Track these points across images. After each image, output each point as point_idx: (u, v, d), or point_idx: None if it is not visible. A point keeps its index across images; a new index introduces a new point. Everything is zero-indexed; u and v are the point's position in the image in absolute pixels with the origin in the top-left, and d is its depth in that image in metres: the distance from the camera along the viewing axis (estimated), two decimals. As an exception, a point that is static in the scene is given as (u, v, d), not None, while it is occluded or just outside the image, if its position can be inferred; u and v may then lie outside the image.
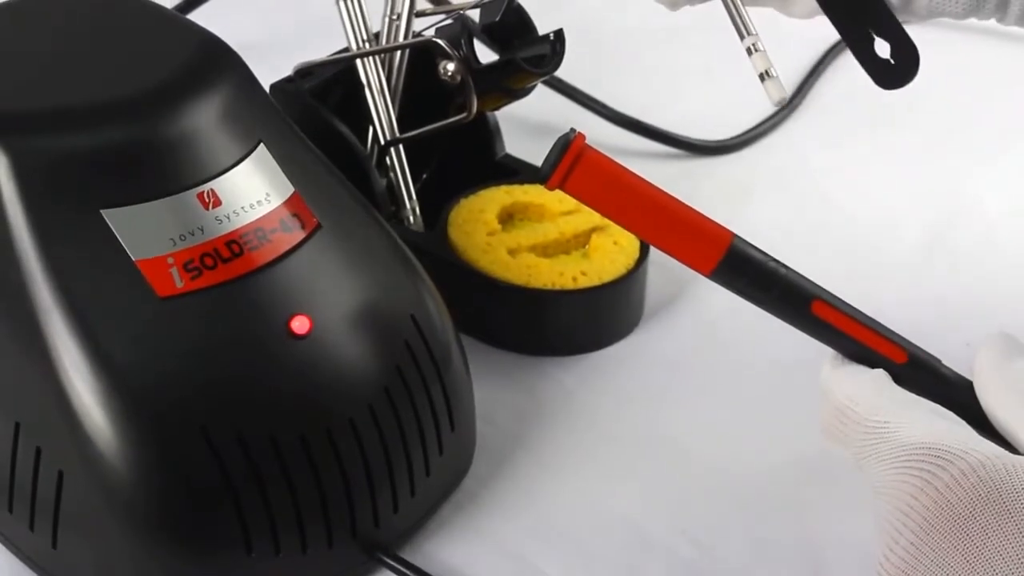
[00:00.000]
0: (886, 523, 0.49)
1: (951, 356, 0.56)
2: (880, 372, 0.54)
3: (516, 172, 0.78)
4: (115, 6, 0.64)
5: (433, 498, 0.61)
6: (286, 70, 0.76)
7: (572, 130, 0.53)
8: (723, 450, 0.66)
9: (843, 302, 0.55)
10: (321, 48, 0.79)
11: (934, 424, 0.50)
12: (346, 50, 0.77)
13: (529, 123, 0.89)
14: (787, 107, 0.94)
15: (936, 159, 0.90)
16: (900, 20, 0.59)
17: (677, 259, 0.54)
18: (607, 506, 0.63)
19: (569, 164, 0.52)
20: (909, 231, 0.83)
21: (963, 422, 0.52)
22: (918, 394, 0.54)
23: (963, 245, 0.82)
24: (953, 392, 0.54)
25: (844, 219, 0.84)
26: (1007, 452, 0.49)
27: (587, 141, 0.52)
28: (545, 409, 0.68)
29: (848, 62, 1.02)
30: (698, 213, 0.55)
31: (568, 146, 0.52)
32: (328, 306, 0.56)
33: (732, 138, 0.91)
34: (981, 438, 0.50)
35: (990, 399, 0.53)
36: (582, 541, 0.61)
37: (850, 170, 0.90)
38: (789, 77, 0.99)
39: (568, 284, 0.70)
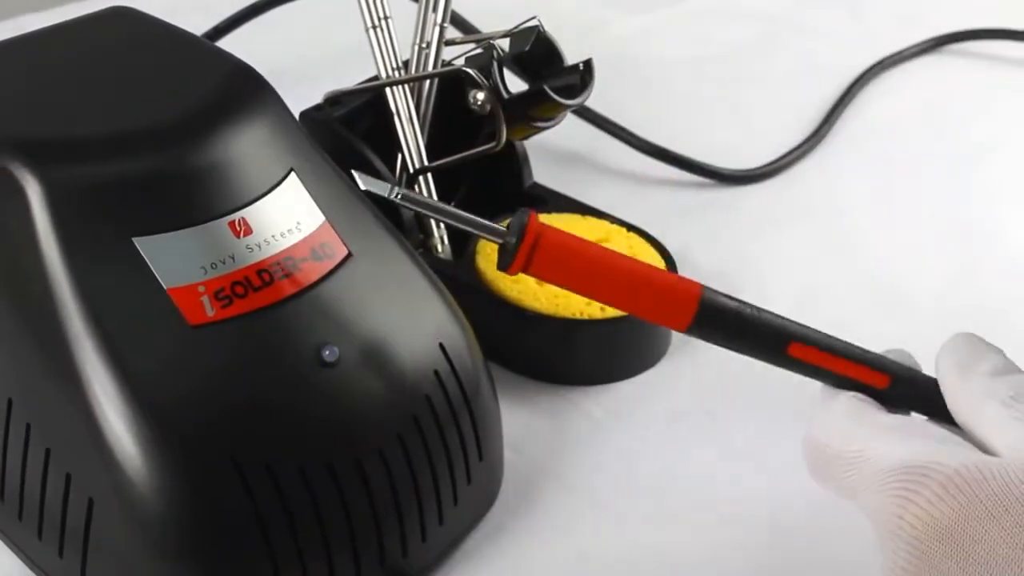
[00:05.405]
0: (882, 547, 0.50)
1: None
2: (852, 398, 0.55)
3: (544, 201, 0.78)
4: (145, 34, 0.64)
5: (461, 527, 0.60)
6: (315, 98, 0.77)
7: (523, 210, 0.53)
8: (753, 481, 0.65)
9: (819, 336, 0.56)
10: (350, 76, 0.79)
11: (909, 442, 0.51)
12: (376, 78, 0.78)
13: (558, 152, 0.89)
14: (814, 137, 0.94)
15: (962, 190, 0.90)
16: None
17: (652, 322, 0.54)
18: (635, 537, 0.62)
19: (529, 248, 0.52)
20: (935, 262, 0.83)
21: (943, 431, 0.53)
22: (912, 409, 0.56)
23: (989, 276, 0.82)
24: (940, 402, 0.55)
25: (869, 249, 0.84)
26: (981, 456, 0.49)
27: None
28: (572, 438, 0.68)
29: (875, 93, 1.02)
30: (664, 272, 0.55)
31: (524, 229, 0.52)
32: (358, 335, 0.56)
33: (759, 167, 0.91)
34: (956, 447, 0.50)
35: (955, 407, 0.54)
36: (609, 572, 0.61)
37: (876, 200, 0.89)
38: (816, 107, 0.99)
39: (596, 313, 0.70)
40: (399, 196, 0.53)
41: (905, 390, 0.56)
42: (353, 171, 0.55)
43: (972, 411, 0.53)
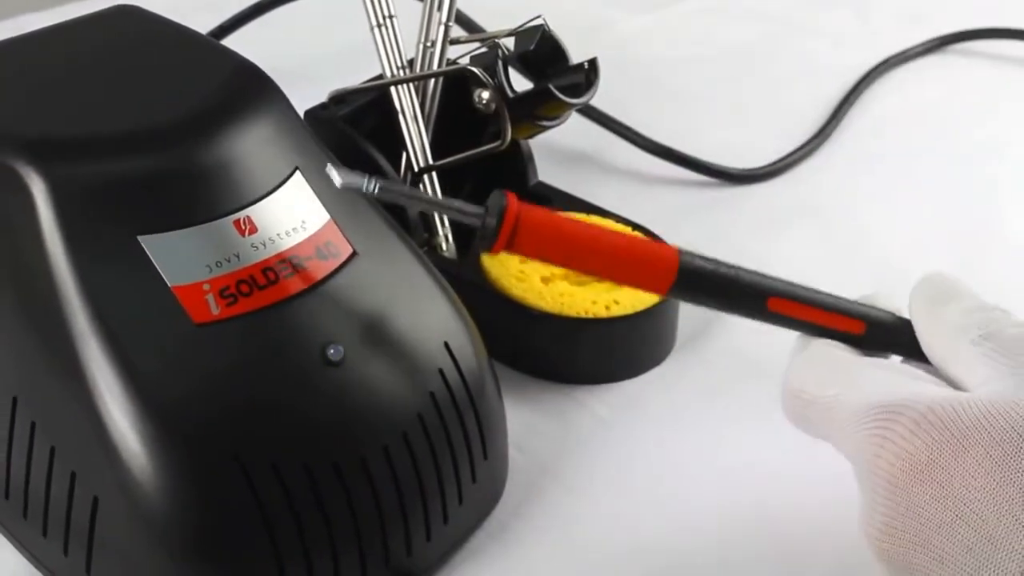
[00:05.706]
0: (863, 486, 0.50)
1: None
2: (826, 344, 0.56)
3: (549, 199, 0.78)
4: (150, 32, 0.64)
5: (465, 527, 0.60)
6: (320, 97, 0.77)
7: (499, 191, 0.53)
8: (759, 479, 0.65)
9: (797, 289, 0.57)
10: (355, 75, 0.79)
11: (883, 383, 0.52)
12: (380, 77, 0.77)
13: (562, 151, 0.89)
14: (819, 136, 0.94)
15: (967, 189, 0.90)
16: None
17: (634, 286, 0.55)
18: (640, 536, 0.62)
19: (511, 227, 0.53)
20: (940, 261, 0.83)
21: (917, 371, 0.53)
22: (890, 352, 0.56)
23: (993, 275, 0.82)
24: (915, 342, 0.56)
25: (875, 248, 0.84)
26: (953, 392, 0.50)
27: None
28: (577, 437, 0.68)
29: (880, 92, 1.02)
30: (642, 239, 0.56)
31: (504, 210, 0.53)
32: (363, 333, 0.56)
33: (764, 166, 0.91)
34: (928, 385, 0.51)
35: (928, 347, 0.55)
36: (614, 571, 0.61)
37: (881, 199, 0.89)
38: (821, 107, 0.99)
39: (601, 313, 0.70)
40: (376, 187, 0.53)
41: (881, 334, 0.56)
42: (328, 168, 0.54)
43: (944, 350, 0.54)
